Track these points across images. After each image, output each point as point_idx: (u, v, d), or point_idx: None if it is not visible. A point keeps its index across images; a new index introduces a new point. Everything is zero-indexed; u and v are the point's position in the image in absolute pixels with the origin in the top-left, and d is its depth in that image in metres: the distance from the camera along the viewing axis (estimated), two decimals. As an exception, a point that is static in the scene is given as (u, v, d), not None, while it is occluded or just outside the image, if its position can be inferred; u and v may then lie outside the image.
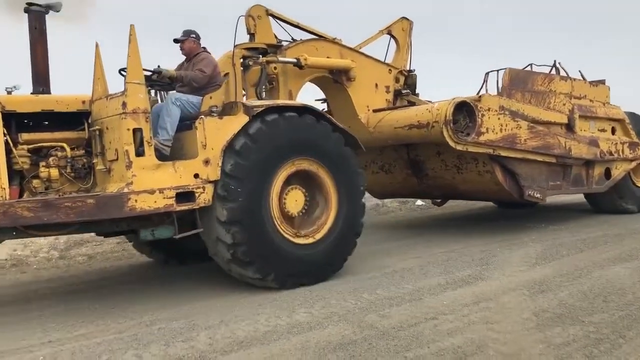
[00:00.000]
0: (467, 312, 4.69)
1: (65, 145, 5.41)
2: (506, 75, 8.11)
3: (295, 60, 7.04)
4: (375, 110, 7.93)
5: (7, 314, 5.37)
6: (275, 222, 5.65)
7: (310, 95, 8.43)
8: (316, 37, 7.62)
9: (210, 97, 5.75)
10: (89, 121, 5.57)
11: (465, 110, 7.25)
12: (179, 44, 6.04)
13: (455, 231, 8.95)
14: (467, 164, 8.06)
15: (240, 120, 5.56)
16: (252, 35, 7.12)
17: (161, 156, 5.37)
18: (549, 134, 8.22)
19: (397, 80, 8.40)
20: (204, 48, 6.11)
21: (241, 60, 6.98)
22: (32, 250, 8.17)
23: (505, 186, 7.94)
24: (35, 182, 5.31)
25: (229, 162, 5.37)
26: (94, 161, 5.41)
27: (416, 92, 8.56)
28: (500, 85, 8.19)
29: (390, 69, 8.29)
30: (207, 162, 5.38)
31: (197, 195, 5.30)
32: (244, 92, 6.92)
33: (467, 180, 8.23)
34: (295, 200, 5.94)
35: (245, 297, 5.46)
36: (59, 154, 5.38)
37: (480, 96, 7.75)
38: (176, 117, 5.46)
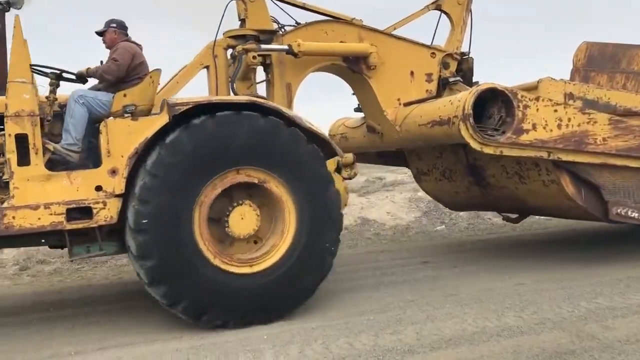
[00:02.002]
0: None
1: None
2: (580, 52, 6.03)
3: (285, 47, 5.89)
4: (406, 104, 6.43)
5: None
6: (203, 251, 4.62)
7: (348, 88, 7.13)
8: (328, 18, 6.37)
9: (125, 95, 4.89)
10: None
11: (501, 101, 5.47)
12: (102, 37, 5.29)
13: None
14: (528, 171, 6.17)
15: (158, 121, 4.66)
16: (243, 22, 6.12)
17: (69, 164, 4.69)
18: (651, 130, 5.96)
19: (446, 65, 6.74)
20: (128, 39, 5.27)
21: (230, 51, 6.08)
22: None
23: (579, 202, 5.91)
24: None
25: (139, 175, 4.50)
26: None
27: (473, 79, 6.84)
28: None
29: (433, 53, 6.67)
30: (113, 172, 4.59)
31: (95, 211, 4.51)
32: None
33: (533, 192, 6.31)
34: (242, 218, 4.86)
35: (451, 295, 5.39)
36: None
37: (538, 81, 5.86)
38: (81, 117, 4.72)
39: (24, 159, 4.41)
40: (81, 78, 5.01)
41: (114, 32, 5.16)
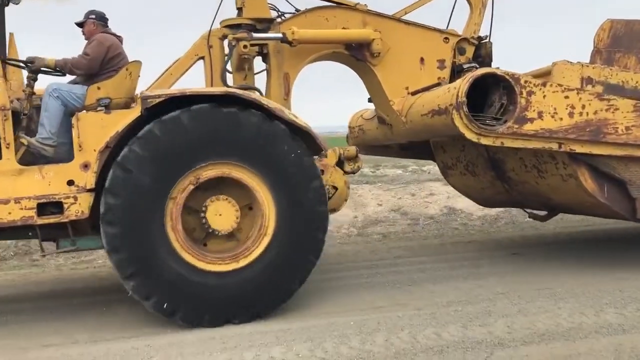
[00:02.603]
0: None
1: None
2: (603, 32, 5.39)
3: (279, 35, 5.64)
4: (412, 93, 6.02)
5: (327, 280, 5.87)
6: (174, 247, 4.48)
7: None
8: (330, 4, 6.05)
9: (99, 88, 4.80)
10: None
11: (503, 88, 4.98)
12: (81, 29, 5.21)
13: None
14: (545, 165, 5.63)
15: (131, 115, 4.57)
16: (239, 10, 5.94)
17: (44, 158, 4.68)
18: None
19: (461, 51, 6.26)
20: (106, 30, 5.16)
21: (227, 41, 5.91)
22: (335, 227, 8.56)
23: (600, 198, 5.32)
24: None
25: (110, 171, 4.40)
26: None
27: (492, 65, 6.31)
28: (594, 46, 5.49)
29: (446, 38, 6.21)
30: (85, 166, 4.54)
31: (66, 206, 4.47)
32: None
33: (553, 187, 5.75)
34: (220, 214, 4.68)
35: (544, 289, 5.18)
36: None
37: (552, 65, 5.31)
38: (55, 110, 4.67)
39: None
40: (57, 70, 4.96)
41: (93, 24, 5.07)
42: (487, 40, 6.31)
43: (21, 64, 4.92)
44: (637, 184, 5.31)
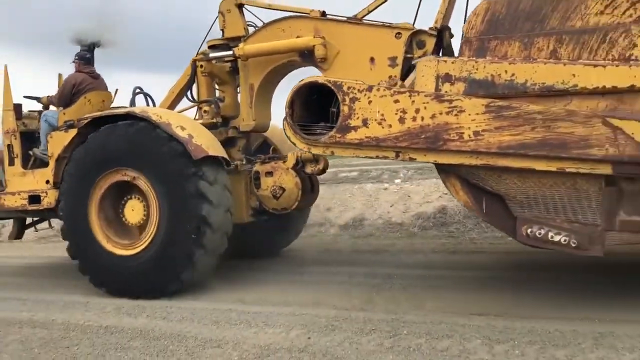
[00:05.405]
0: None
1: None
2: (476, 17, 4.39)
3: (230, 52, 6.36)
4: (354, 96, 5.91)
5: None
6: (95, 235, 5.87)
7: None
8: (286, 15, 6.36)
9: (64, 113, 6.40)
10: None
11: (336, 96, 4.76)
12: None
13: None
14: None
15: (73, 133, 6.16)
16: (223, 32, 6.81)
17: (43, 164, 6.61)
18: (572, 118, 4.01)
19: (420, 45, 5.77)
20: (80, 69, 6.64)
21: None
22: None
23: (478, 214, 4.56)
24: None
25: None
26: None
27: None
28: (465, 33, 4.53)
29: (399, 33, 5.81)
30: (53, 170, 6.33)
31: (42, 198, 6.35)
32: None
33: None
34: (132, 209, 5.92)
35: None
36: None
37: (416, 62, 4.74)
38: (45, 131, 6.50)
39: (11, 162, 6.61)
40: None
41: (77, 63, 6.76)
42: (443, 30, 5.68)
43: (33, 99, 6.98)
44: (518, 200, 4.33)
